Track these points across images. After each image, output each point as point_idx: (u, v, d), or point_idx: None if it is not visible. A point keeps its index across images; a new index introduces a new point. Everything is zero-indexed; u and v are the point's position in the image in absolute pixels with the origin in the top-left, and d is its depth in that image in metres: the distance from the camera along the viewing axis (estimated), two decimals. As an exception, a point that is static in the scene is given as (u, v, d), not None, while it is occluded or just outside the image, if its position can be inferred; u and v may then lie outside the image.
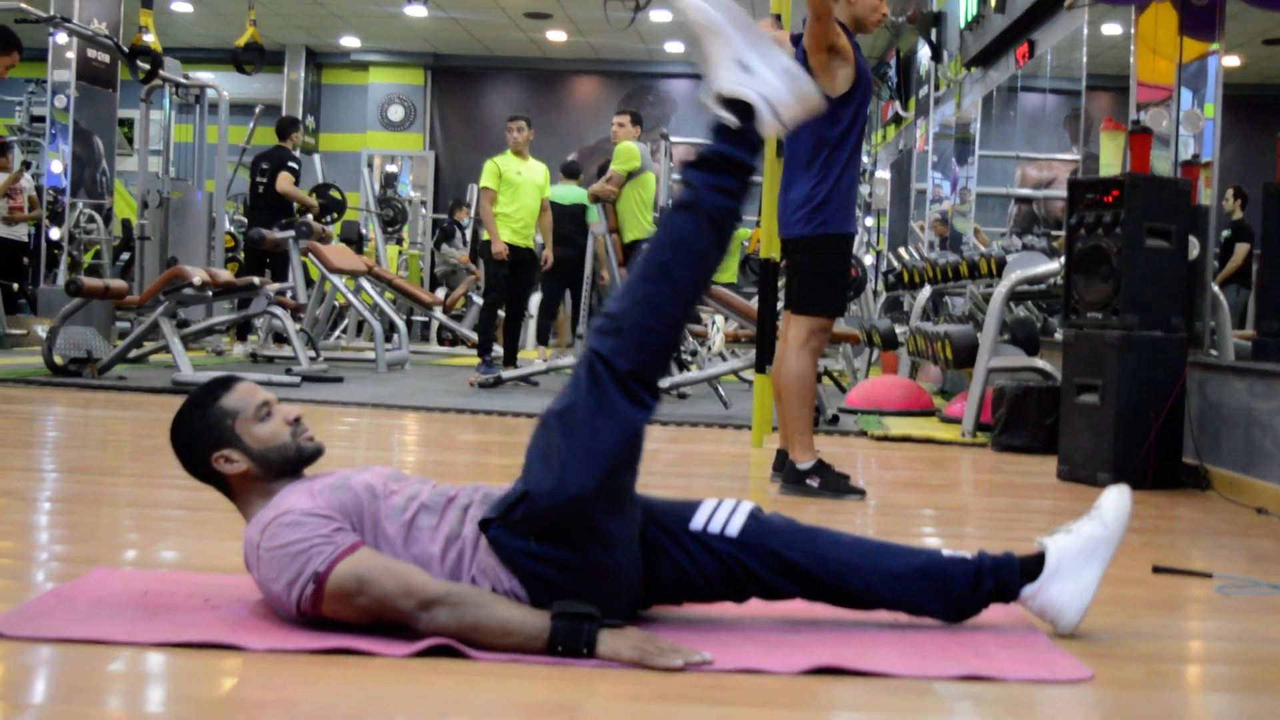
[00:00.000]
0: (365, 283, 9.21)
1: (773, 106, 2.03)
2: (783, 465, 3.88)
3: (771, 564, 2.04)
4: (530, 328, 10.37)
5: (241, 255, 10.45)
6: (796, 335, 3.86)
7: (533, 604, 1.89)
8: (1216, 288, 4.89)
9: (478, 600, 1.85)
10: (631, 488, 2.00)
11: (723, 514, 2.06)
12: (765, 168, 5.03)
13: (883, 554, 2.09)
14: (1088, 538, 2.10)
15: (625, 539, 1.97)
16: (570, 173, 9.70)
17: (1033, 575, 2.08)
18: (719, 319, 6.81)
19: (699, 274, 2.03)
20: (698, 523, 2.05)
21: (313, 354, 7.81)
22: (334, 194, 10.23)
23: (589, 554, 1.90)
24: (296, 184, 9.12)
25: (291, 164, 9.13)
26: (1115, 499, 2.15)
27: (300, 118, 15.41)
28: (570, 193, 9.03)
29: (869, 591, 2.07)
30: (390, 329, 9.20)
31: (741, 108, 2.03)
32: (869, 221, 11.76)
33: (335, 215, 10.13)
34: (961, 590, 2.08)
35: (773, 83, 2.04)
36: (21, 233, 9.94)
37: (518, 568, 1.90)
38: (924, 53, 10.23)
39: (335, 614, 1.85)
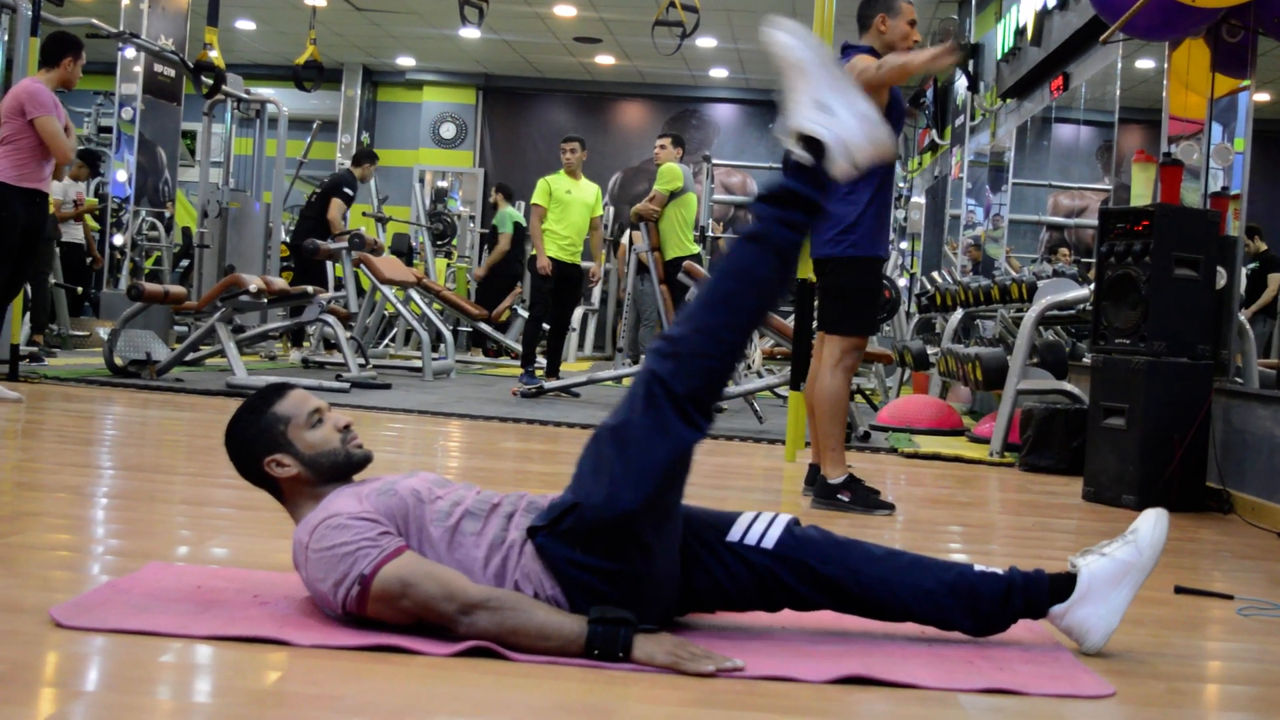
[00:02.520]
0: (414, 293, 9.33)
1: (846, 148, 2.05)
2: (814, 479, 3.92)
3: (805, 577, 2.06)
4: (573, 340, 10.59)
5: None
6: (830, 354, 3.91)
7: (573, 610, 1.91)
8: (1243, 317, 4.93)
9: (517, 605, 1.88)
10: (677, 503, 2.02)
11: (759, 526, 2.07)
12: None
13: (915, 569, 2.10)
14: (1120, 562, 2.10)
15: (667, 551, 1.99)
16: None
17: (1062, 596, 2.09)
18: (755, 336, 6.93)
19: (760, 304, 2.05)
20: (734, 535, 2.06)
21: (362, 361, 7.90)
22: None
23: (632, 565, 1.92)
24: (346, 209, 9.32)
25: (347, 189, 9.32)
26: (1153, 525, 2.13)
27: (356, 134, 15.71)
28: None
29: (901, 606, 2.09)
30: (437, 339, 9.36)
31: (815, 146, 2.05)
32: (904, 245, 11.83)
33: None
34: (991, 607, 2.08)
35: (850, 125, 2.05)
36: (79, 234, 10.13)
37: (562, 575, 1.93)
38: (961, 83, 10.28)
39: (379, 615, 1.88)
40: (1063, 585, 2.11)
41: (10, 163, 5.38)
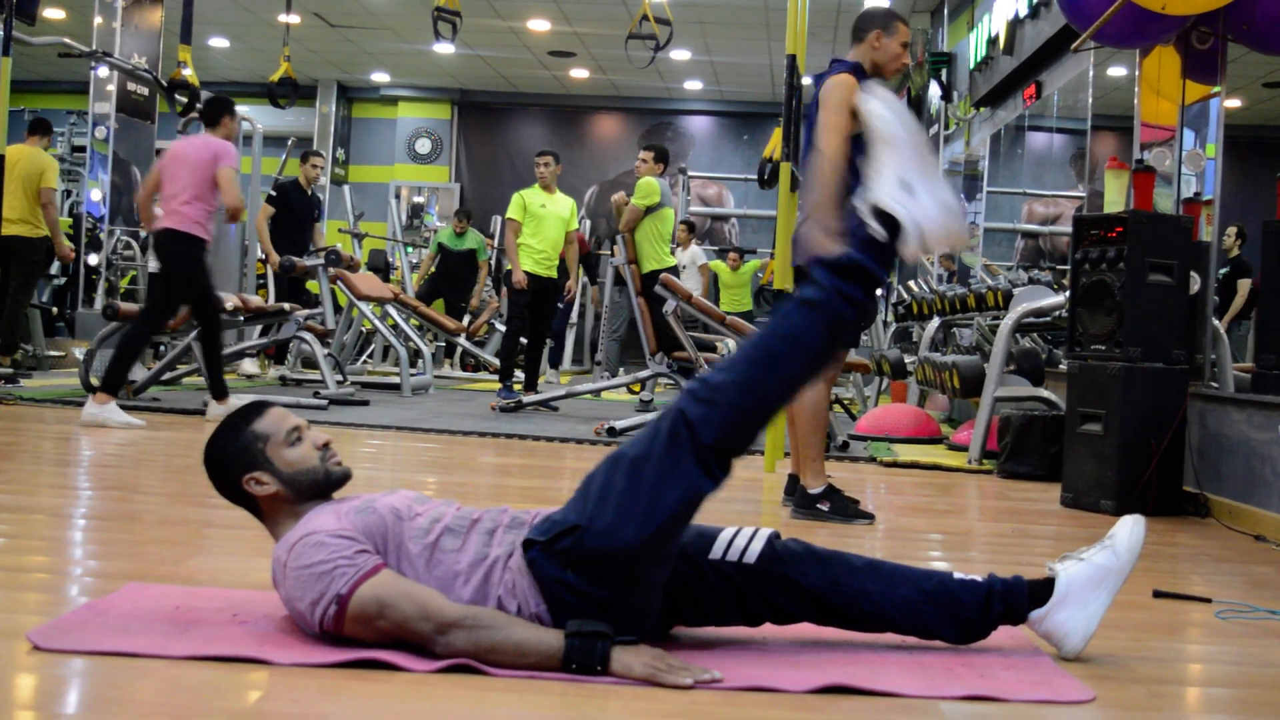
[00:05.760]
0: (391, 309, 9.32)
1: (922, 232, 2.04)
2: (794, 489, 3.94)
3: (786, 590, 2.07)
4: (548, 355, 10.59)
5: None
6: (809, 364, 3.96)
7: (555, 626, 1.92)
8: (1217, 321, 4.96)
9: (493, 623, 1.88)
10: (676, 543, 2.00)
11: (741, 542, 2.08)
12: (781, 200, 5.17)
13: (895, 579, 2.11)
14: (1098, 567, 2.11)
15: (657, 582, 2.00)
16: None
17: (1041, 600, 2.11)
18: (733, 346, 6.93)
19: (803, 371, 2.03)
20: (716, 552, 2.07)
21: (340, 378, 7.87)
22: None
23: (621, 594, 1.92)
24: (276, 214, 9.01)
25: (272, 192, 9.21)
26: (1129, 530, 2.15)
27: (331, 150, 15.66)
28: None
29: (882, 616, 2.10)
30: (415, 354, 9.32)
31: (891, 224, 2.04)
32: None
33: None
34: (971, 615, 2.10)
35: (930, 210, 2.04)
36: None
37: (550, 594, 1.93)
38: (934, 92, 10.38)
39: (356, 634, 1.88)
40: (1042, 590, 2.12)
41: (196, 219, 5.86)
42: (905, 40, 3.97)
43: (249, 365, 8.94)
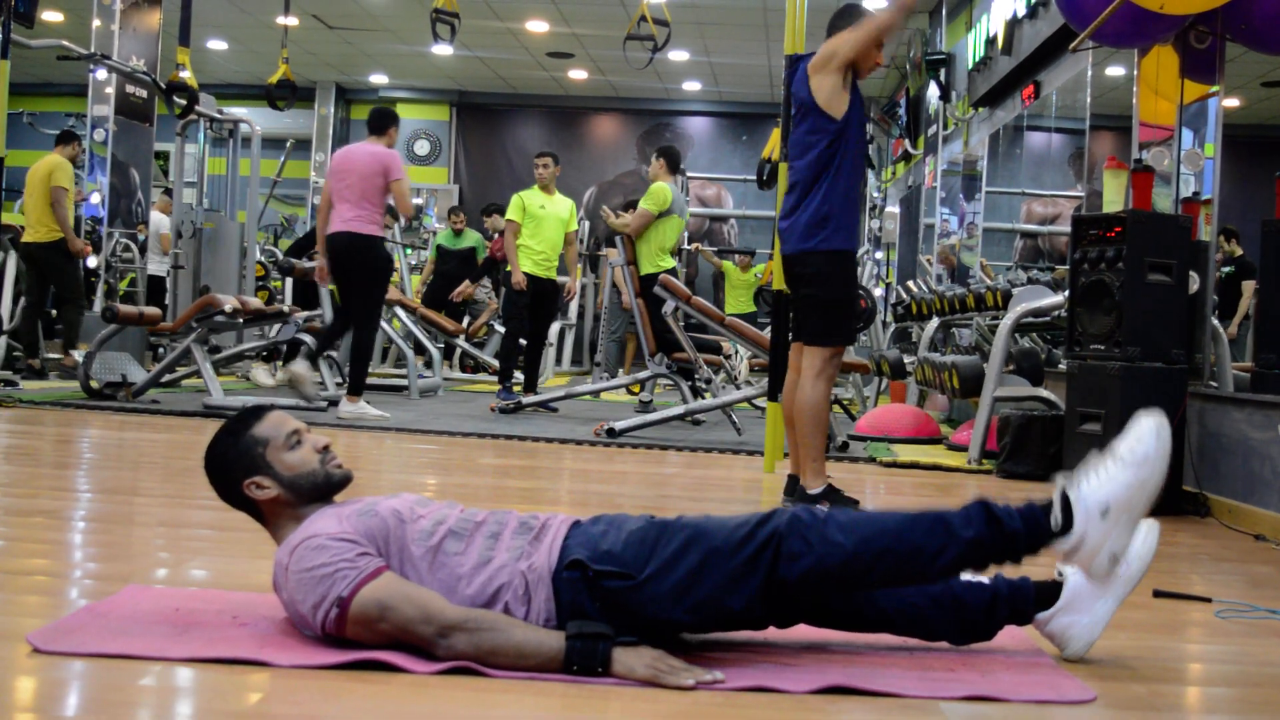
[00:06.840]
0: (400, 311, 9.31)
1: (1079, 547, 2.00)
2: (794, 489, 3.94)
3: (789, 595, 2.03)
4: (549, 355, 10.59)
5: (274, 284, 10.72)
6: (810, 365, 3.92)
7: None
8: (1216, 321, 4.96)
9: (494, 625, 1.88)
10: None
11: None
12: (778, 199, 5.16)
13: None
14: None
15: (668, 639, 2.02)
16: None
17: (1048, 603, 2.10)
18: (741, 348, 6.94)
19: (897, 579, 2.00)
20: None
21: (340, 380, 7.86)
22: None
23: (637, 637, 1.94)
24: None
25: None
26: (1143, 537, 2.11)
27: (329, 151, 15.63)
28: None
29: (885, 620, 2.10)
30: (420, 354, 9.30)
31: (1067, 519, 1.99)
32: (879, 255, 11.89)
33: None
34: (977, 617, 2.10)
35: (1104, 545, 1.99)
36: (163, 268, 10.22)
37: (565, 614, 1.94)
38: (933, 92, 10.37)
39: (358, 637, 1.89)
40: (1048, 593, 2.11)
41: (372, 219, 6.35)
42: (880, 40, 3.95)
43: (262, 375, 8.95)
